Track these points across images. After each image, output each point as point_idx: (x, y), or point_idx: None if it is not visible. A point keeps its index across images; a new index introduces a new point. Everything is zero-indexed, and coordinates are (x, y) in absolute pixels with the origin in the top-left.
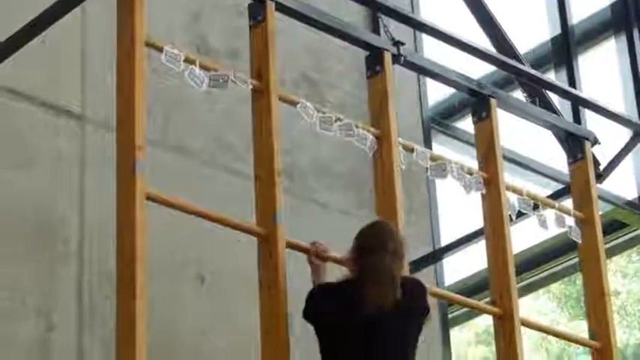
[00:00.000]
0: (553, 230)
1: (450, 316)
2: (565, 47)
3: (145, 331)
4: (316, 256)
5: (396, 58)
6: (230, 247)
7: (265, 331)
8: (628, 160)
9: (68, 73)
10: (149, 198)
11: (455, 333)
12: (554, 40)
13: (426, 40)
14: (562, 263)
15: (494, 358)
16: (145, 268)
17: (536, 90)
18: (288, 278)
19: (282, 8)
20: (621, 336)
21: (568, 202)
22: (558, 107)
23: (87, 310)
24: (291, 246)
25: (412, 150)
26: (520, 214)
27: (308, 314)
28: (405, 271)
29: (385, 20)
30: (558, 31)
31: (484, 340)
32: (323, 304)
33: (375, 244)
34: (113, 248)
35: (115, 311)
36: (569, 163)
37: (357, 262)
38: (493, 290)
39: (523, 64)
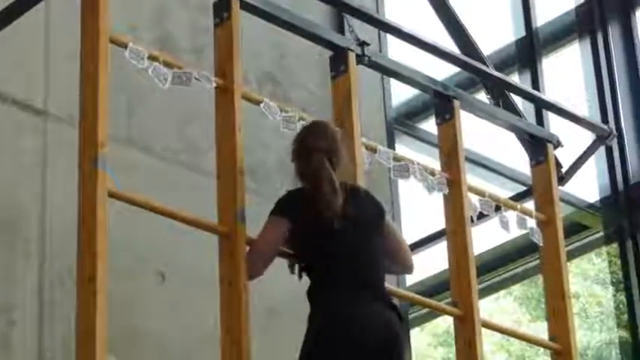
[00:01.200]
0: (514, 232)
1: (410, 316)
2: (529, 50)
3: (106, 327)
4: None
5: (360, 59)
6: (191, 245)
7: (226, 329)
8: (590, 163)
9: (31, 69)
10: (111, 195)
11: (415, 334)
12: (518, 42)
13: (391, 40)
14: (523, 265)
15: None
16: (106, 264)
17: (500, 92)
18: None
19: (247, 7)
20: (582, 338)
21: (530, 204)
22: (522, 109)
23: (47, 306)
24: None
25: (375, 150)
26: (482, 216)
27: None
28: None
29: (350, 20)
30: (523, 33)
31: (444, 341)
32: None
33: (308, 146)
34: (74, 244)
35: (76, 307)
36: (532, 166)
37: (297, 170)
38: (454, 291)
39: (487, 65)
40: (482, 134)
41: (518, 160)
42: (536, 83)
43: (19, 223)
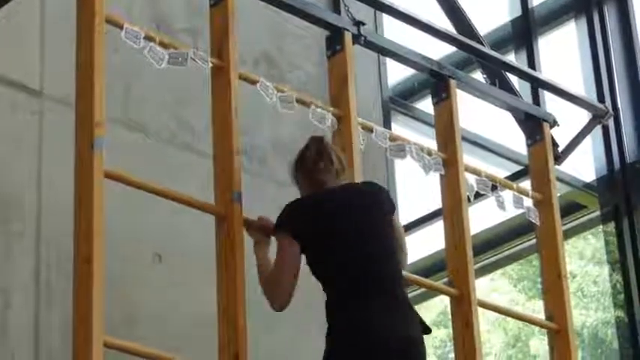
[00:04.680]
0: (511, 211)
1: None
2: (525, 29)
3: (103, 308)
4: (262, 230)
5: (356, 38)
6: (188, 226)
7: (223, 309)
8: (586, 143)
9: (27, 49)
10: (107, 175)
11: None
12: (514, 21)
13: (387, 20)
14: (519, 245)
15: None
16: (103, 245)
17: (496, 71)
18: (247, 257)
19: None
20: (578, 318)
21: (526, 184)
22: (518, 89)
23: (44, 288)
24: (250, 226)
25: (371, 130)
26: (478, 195)
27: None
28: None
29: (346, 0)
30: (519, 12)
31: (441, 321)
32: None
33: (319, 158)
34: (71, 226)
35: (72, 289)
36: (528, 145)
37: (296, 175)
38: (450, 271)
39: (483, 45)
40: (478, 114)
41: (515, 139)
42: (532, 62)
43: (15, 204)
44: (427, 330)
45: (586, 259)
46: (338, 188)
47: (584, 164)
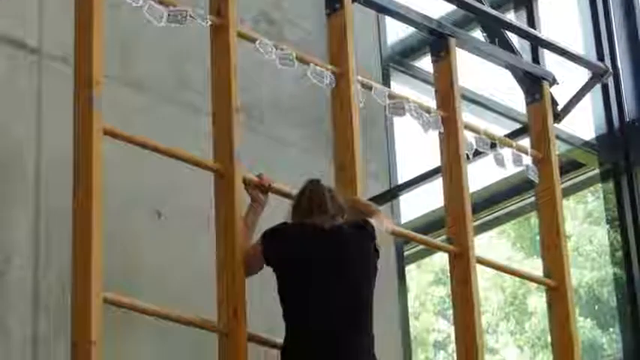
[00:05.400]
0: (510, 169)
1: (405, 253)
2: None
3: (102, 263)
4: (260, 187)
5: None
6: (187, 183)
7: (222, 265)
8: (586, 101)
9: (25, 7)
10: (106, 132)
11: (413, 274)
12: None
13: None
14: (518, 202)
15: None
16: (101, 201)
17: (496, 30)
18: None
19: None
20: (573, 276)
21: (525, 142)
22: (517, 48)
23: (43, 244)
24: (249, 183)
25: (370, 88)
26: (477, 153)
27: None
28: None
29: None
30: None
31: (439, 279)
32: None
33: (313, 206)
34: (70, 183)
35: (71, 244)
36: (527, 103)
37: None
38: (449, 228)
39: (483, 3)
40: (477, 73)
41: (515, 98)
42: (531, 21)
43: (14, 162)
44: None
45: (583, 218)
46: (322, 227)
47: (584, 122)
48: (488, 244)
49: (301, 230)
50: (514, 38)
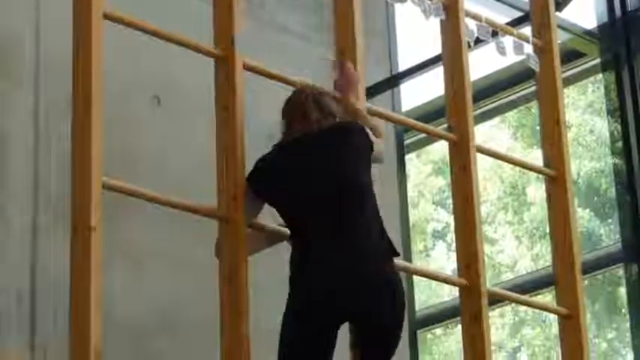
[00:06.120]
0: (511, 57)
1: (406, 142)
2: None
3: (101, 148)
4: None
5: None
6: (187, 69)
7: (222, 149)
8: None
9: None
10: (106, 17)
11: (413, 164)
12: None
13: None
14: (519, 91)
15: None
16: (101, 85)
17: None
18: (245, 101)
19: None
20: (573, 167)
21: (527, 30)
22: None
23: (43, 132)
24: (249, 68)
25: None
26: (478, 41)
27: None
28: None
29: None
30: None
31: (439, 169)
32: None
33: (296, 114)
34: (70, 70)
35: (71, 131)
36: None
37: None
38: (449, 116)
39: None
40: None
41: None
42: None
43: (13, 49)
44: (395, 253)
45: (583, 108)
46: (304, 136)
47: (585, 11)
48: (489, 133)
49: (279, 157)
50: None
